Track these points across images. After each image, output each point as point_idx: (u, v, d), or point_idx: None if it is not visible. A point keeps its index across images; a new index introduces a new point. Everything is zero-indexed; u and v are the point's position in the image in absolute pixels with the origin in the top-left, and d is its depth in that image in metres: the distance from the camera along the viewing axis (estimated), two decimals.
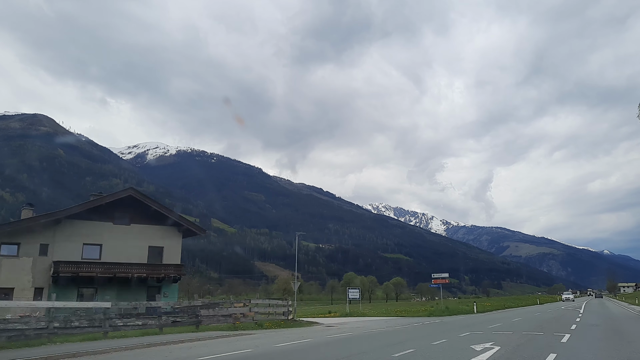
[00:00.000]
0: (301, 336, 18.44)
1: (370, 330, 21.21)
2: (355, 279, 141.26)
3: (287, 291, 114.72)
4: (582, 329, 19.17)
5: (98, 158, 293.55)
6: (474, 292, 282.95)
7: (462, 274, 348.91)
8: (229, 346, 14.83)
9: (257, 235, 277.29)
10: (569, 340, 14.34)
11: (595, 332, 17.78)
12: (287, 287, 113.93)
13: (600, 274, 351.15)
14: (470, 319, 30.10)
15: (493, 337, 15.23)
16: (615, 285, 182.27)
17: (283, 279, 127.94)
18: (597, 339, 15.38)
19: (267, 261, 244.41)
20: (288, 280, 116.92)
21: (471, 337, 15.58)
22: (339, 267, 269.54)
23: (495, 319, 27.82)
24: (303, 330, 23.23)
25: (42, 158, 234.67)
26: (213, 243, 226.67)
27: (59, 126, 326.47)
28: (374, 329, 21.87)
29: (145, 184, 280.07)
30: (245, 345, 15.01)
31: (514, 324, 22.49)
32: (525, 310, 45.69)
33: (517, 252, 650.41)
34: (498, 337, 15.26)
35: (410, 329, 21.50)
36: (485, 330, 19.16)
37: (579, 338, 15.13)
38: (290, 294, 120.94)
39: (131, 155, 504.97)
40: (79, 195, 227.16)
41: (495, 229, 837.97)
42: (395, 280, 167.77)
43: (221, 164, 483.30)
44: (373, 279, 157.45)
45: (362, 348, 13.70)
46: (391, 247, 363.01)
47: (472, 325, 22.75)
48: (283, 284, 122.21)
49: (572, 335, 15.96)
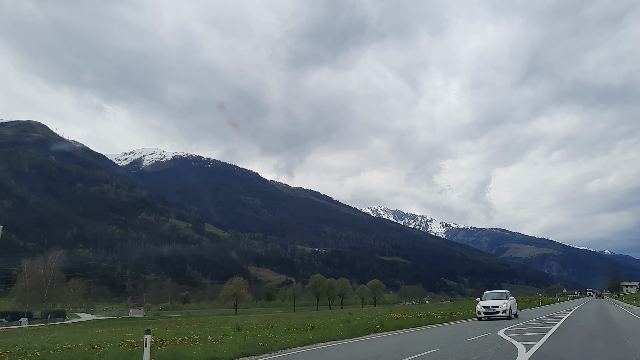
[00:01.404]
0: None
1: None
2: (324, 281, 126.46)
3: (239, 297, 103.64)
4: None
5: (91, 164, 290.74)
6: (473, 294, 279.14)
7: (460, 276, 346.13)
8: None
9: (251, 239, 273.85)
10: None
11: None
12: (239, 293, 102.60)
13: (601, 274, 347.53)
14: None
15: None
16: (618, 284, 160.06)
17: (234, 282, 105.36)
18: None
19: (261, 266, 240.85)
20: (239, 284, 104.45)
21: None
22: (336, 270, 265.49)
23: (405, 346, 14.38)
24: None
25: (33, 165, 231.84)
26: (205, 248, 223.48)
27: (52, 133, 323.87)
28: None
29: (137, 189, 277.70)
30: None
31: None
32: None
33: (517, 254, 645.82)
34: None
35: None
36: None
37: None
38: (243, 300, 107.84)
39: (127, 161, 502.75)
40: (69, 202, 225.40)
41: (495, 230, 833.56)
42: (372, 282, 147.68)
43: (217, 169, 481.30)
44: (345, 282, 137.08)
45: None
46: (389, 250, 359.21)
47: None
48: (233, 289, 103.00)
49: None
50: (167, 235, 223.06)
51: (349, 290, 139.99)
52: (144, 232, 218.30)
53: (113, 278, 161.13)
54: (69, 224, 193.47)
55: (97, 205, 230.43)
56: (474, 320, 28.12)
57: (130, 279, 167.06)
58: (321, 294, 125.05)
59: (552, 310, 43.21)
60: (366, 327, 21.58)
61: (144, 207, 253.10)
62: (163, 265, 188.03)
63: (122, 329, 34.24)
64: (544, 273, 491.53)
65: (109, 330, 34.16)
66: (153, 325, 37.56)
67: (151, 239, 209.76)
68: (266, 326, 26.20)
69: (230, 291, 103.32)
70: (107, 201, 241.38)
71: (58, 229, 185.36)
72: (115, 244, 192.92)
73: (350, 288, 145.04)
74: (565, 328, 19.28)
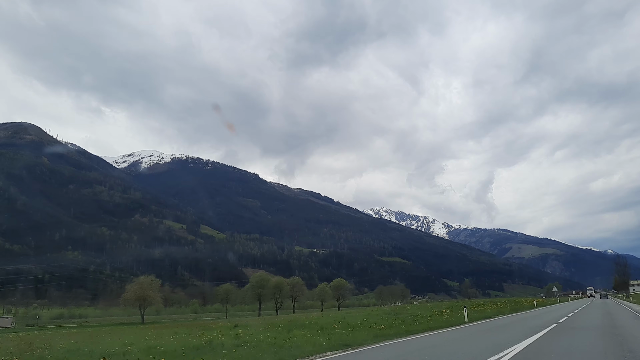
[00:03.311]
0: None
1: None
2: (268, 281, 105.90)
3: (147, 301, 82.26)
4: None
5: (84, 166, 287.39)
6: (474, 294, 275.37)
7: (461, 276, 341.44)
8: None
9: (247, 241, 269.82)
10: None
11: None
12: (146, 296, 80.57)
13: (604, 274, 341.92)
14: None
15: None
16: (625, 282, 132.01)
17: (139, 283, 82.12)
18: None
19: (257, 267, 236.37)
20: (145, 284, 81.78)
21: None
22: (333, 271, 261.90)
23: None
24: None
25: (23, 166, 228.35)
26: (199, 250, 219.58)
27: (45, 135, 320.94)
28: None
29: (131, 190, 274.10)
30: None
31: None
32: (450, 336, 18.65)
33: (519, 254, 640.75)
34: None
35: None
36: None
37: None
38: (151, 304, 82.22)
39: (125, 164, 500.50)
40: (60, 204, 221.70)
41: (497, 230, 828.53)
42: (336, 282, 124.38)
43: (216, 171, 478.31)
44: (298, 281, 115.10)
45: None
46: (388, 251, 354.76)
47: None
48: (139, 290, 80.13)
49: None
50: (160, 237, 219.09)
51: (302, 291, 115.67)
52: (136, 233, 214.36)
53: (100, 281, 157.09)
54: (59, 226, 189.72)
55: (89, 207, 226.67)
56: None
57: (119, 282, 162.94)
58: (265, 296, 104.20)
59: (524, 322, 27.80)
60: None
61: (138, 208, 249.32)
62: (154, 268, 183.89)
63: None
64: (546, 273, 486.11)
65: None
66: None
67: (143, 240, 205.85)
68: None
69: (134, 293, 79.86)
70: (100, 203, 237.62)
71: (47, 231, 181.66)
72: (105, 246, 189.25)
73: (305, 289, 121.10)
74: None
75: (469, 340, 17.74)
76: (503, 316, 36.34)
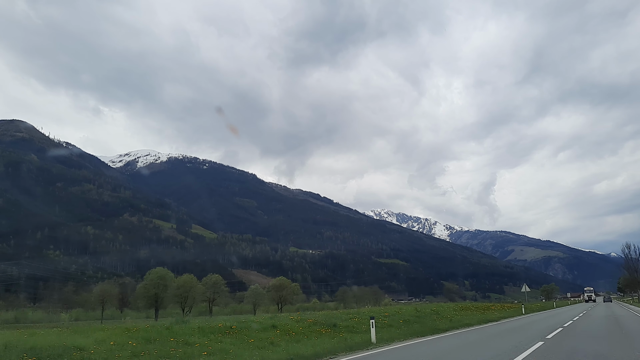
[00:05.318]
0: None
1: None
2: (168, 278, 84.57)
3: (112, 305, 77.08)
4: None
5: (75, 164, 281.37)
6: (474, 297, 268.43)
7: (461, 278, 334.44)
8: None
9: (239, 241, 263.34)
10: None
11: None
12: (107, 298, 75.93)
13: (607, 277, 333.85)
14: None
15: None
16: (635, 281, 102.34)
17: (101, 289, 78.23)
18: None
19: (248, 268, 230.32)
20: (106, 288, 78.14)
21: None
22: (328, 273, 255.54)
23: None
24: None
25: (9, 163, 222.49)
26: (187, 250, 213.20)
27: (38, 132, 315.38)
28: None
29: (122, 189, 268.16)
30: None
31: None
32: None
33: (522, 256, 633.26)
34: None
35: None
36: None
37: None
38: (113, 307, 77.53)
39: (122, 163, 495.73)
40: (45, 202, 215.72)
41: (499, 233, 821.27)
42: (277, 281, 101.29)
43: (213, 171, 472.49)
44: (218, 279, 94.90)
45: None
46: (387, 252, 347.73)
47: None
48: (102, 293, 76.14)
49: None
50: (148, 237, 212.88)
51: (224, 292, 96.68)
52: (123, 233, 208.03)
53: (81, 281, 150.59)
54: (41, 225, 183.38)
55: (76, 206, 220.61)
56: None
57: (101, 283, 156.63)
58: (165, 298, 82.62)
59: None
60: None
61: (127, 207, 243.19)
62: (139, 268, 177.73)
63: None
64: (548, 275, 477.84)
65: None
66: None
67: (129, 240, 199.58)
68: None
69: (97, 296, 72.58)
70: (88, 202, 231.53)
71: (28, 230, 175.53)
72: (88, 245, 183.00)
73: (225, 289, 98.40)
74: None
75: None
76: (449, 333, 23.29)
